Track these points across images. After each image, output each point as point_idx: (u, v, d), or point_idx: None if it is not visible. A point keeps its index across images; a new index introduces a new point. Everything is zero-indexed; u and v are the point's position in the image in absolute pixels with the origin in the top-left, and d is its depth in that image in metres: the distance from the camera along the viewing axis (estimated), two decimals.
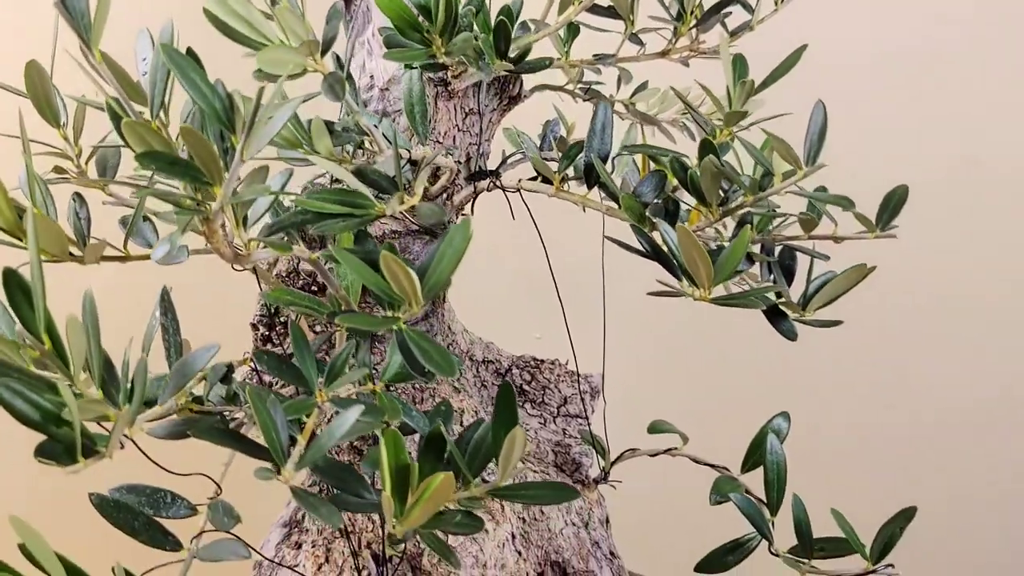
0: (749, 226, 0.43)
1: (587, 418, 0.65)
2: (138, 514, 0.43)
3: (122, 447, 0.40)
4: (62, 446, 0.36)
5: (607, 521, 0.63)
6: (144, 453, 0.42)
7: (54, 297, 0.35)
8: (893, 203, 0.45)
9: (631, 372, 0.67)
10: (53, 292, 0.35)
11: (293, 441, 0.41)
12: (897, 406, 1.04)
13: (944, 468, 1.07)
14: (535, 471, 0.62)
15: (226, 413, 0.45)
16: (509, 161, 0.59)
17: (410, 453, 0.40)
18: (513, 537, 0.57)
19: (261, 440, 0.40)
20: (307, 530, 0.62)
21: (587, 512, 0.62)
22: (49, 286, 0.34)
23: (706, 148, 0.44)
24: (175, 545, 0.43)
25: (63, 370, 0.35)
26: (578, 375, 0.66)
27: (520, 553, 0.56)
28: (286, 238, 0.42)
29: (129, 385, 0.38)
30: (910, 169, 0.74)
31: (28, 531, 0.38)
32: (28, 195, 0.38)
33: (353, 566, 0.59)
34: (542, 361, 0.68)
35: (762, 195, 0.44)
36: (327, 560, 0.60)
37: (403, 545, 0.55)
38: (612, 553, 0.63)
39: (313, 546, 0.61)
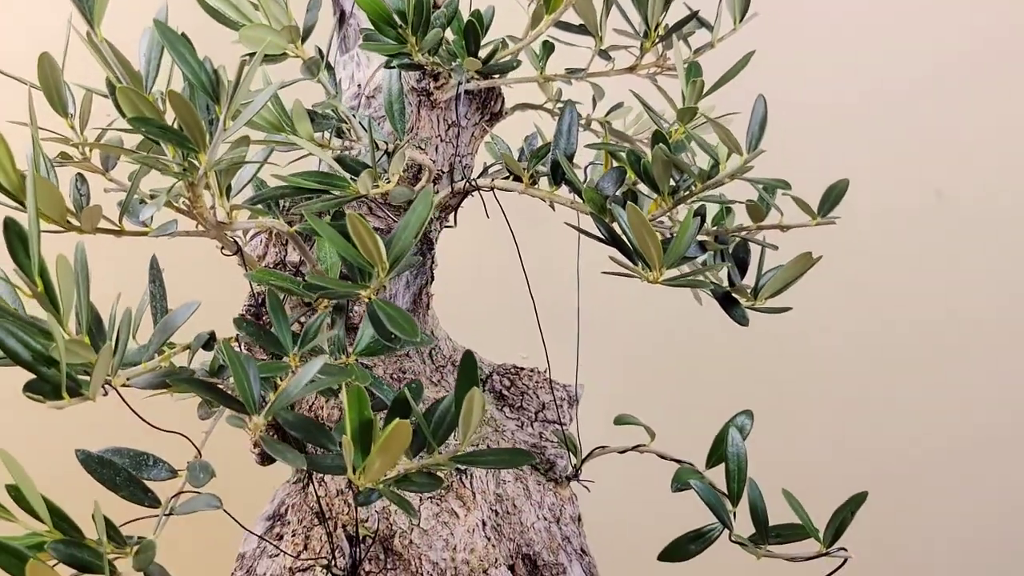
0: (692, 212, 0.46)
1: (561, 422, 0.67)
2: (120, 470, 0.46)
3: (105, 394, 0.44)
4: (49, 385, 0.39)
5: (579, 519, 0.65)
6: (130, 407, 0.45)
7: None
8: (834, 194, 0.49)
9: (609, 381, 0.69)
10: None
11: (264, 401, 0.44)
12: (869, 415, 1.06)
13: (906, 461, 1.08)
14: (514, 472, 0.64)
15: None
16: (490, 171, 0.63)
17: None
18: (484, 524, 0.59)
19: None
20: (288, 522, 0.65)
21: (559, 508, 0.64)
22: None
23: (657, 138, 0.48)
24: (153, 501, 0.46)
25: (52, 312, 0.39)
26: (551, 383, 0.69)
27: (490, 539, 0.58)
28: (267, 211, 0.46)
29: (115, 335, 0.41)
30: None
31: (18, 470, 0.41)
32: (32, 163, 0.42)
33: (329, 551, 0.61)
34: (521, 369, 0.70)
35: (710, 182, 0.47)
36: (306, 547, 0.62)
37: (376, 527, 0.57)
38: (583, 550, 0.64)
39: (293, 535, 0.63)
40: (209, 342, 0.48)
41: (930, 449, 1.09)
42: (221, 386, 0.50)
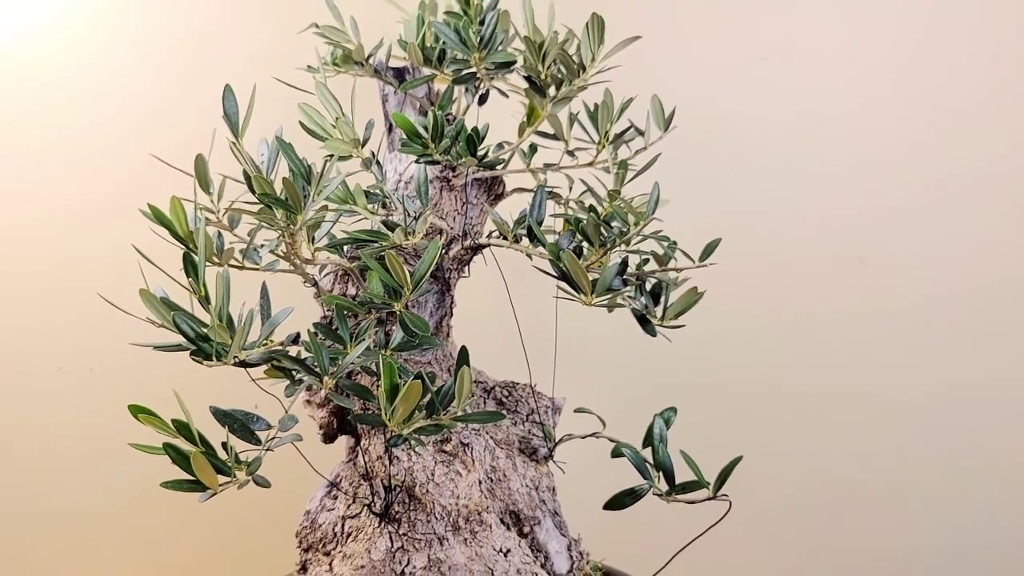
0: (610, 259, 0.71)
1: (542, 423, 0.91)
2: (237, 420, 0.70)
3: (234, 364, 0.68)
4: (203, 353, 0.64)
5: (553, 489, 0.88)
6: (249, 375, 0.70)
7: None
8: (709, 249, 0.73)
9: (587, 395, 0.93)
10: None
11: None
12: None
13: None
14: (506, 452, 0.88)
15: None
16: (492, 236, 0.88)
17: None
18: (480, 483, 0.82)
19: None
20: (341, 487, 0.88)
21: (538, 480, 0.87)
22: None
23: (591, 210, 0.73)
24: (257, 440, 0.70)
25: (208, 310, 0.64)
26: (535, 394, 0.92)
27: (483, 494, 0.82)
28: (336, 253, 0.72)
29: (241, 327, 0.66)
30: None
31: (185, 409, 0.66)
32: (197, 223, 0.69)
33: (370, 512, 0.84)
34: (516, 384, 0.94)
35: (624, 239, 0.72)
36: (354, 502, 0.86)
37: (403, 480, 0.80)
38: (555, 512, 0.87)
39: (345, 494, 0.87)
40: (296, 339, 0.73)
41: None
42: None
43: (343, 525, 0.85)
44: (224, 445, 0.68)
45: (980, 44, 1.22)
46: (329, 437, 0.87)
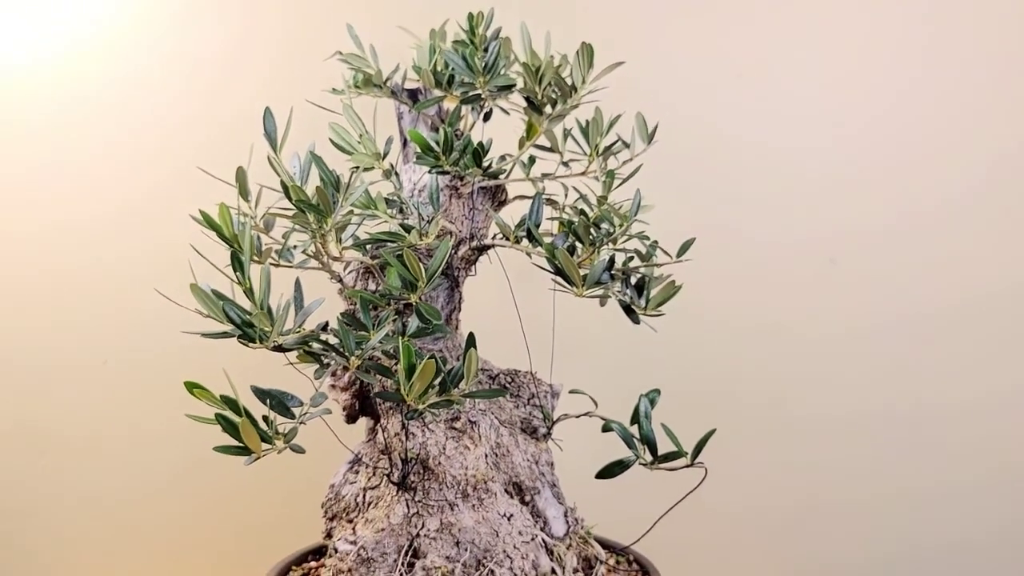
0: (600, 255, 0.81)
1: (542, 405, 1.01)
2: (274, 397, 0.81)
3: (273, 349, 0.79)
4: (245, 337, 0.75)
5: (551, 464, 0.98)
6: (287, 358, 0.80)
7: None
8: (685, 247, 0.84)
9: (581, 381, 1.03)
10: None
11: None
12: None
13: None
14: (509, 430, 0.98)
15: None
16: (496, 238, 0.99)
17: None
18: (486, 456, 0.92)
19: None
20: (363, 463, 0.99)
21: (538, 455, 0.97)
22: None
23: (581, 214, 0.83)
24: (291, 415, 0.81)
25: (252, 299, 0.74)
26: (536, 381, 1.02)
27: (489, 466, 0.92)
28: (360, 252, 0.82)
29: (279, 315, 0.77)
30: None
31: (233, 387, 0.76)
32: (240, 227, 0.79)
33: (388, 481, 0.94)
34: (519, 371, 1.05)
35: (611, 238, 0.82)
36: (374, 474, 0.96)
37: (418, 454, 0.90)
38: (553, 483, 0.97)
39: (366, 469, 0.97)
40: (325, 327, 0.84)
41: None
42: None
43: (364, 495, 0.95)
44: (265, 418, 0.78)
45: (952, 63, 1.32)
46: (351, 418, 0.98)
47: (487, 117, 0.96)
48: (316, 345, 0.79)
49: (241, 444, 0.74)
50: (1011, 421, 1.34)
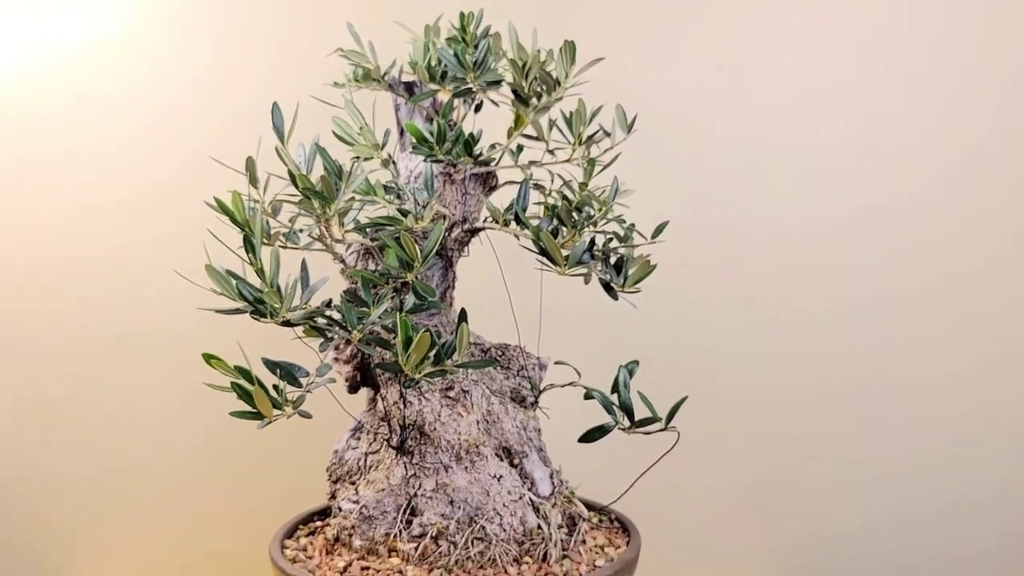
0: (579, 235, 0.89)
1: (529, 376, 1.09)
2: (283, 368, 0.88)
3: (280, 323, 0.86)
4: (257, 312, 0.82)
5: (539, 430, 1.06)
6: (295, 332, 0.88)
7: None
8: (659, 229, 0.91)
9: (566, 355, 1.11)
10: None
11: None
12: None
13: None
14: (499, 399, 1.06)
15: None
16: (487, 221, 1.06)
17: None
18: (478, 422, 1.00)
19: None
20: (365, 430, 1.06)
21: (526, 422, 1.05)
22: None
23: (564, 198, 0.91)
24: (298, 384, 0.88)
25: (263, 279, 0.82)
26: (523, 352, 1.10)
27: (481, 432, 1.00)
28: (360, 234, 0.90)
29: (286, 292, 0.84)
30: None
31: (246, 359, 0.84)
32: (251, 212, 0.87)
33: (387, 445, 1.02)
34: (509, 345, 1.12)
35: (591, 220, 0.90)
36: (375, 440, 1.04)
37: (415, 420, 0.98)
38: (540, 448, 1.05)
39: (367, 434, 1.05)
40: (329, 304, 0.91)
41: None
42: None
43: (366, 460, 1.03)
44: (275, 387, 0.86)
45: (926, 51, 1.39)
46: (353, 388, 1.05)
47: (478, 109, 1.04)
48: (321, 320, 0.87)
49: (254, 410, 0.82)
50: (977, 397, 1.42)
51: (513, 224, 0.97)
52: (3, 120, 1.35)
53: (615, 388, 0.99)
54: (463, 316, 0.88)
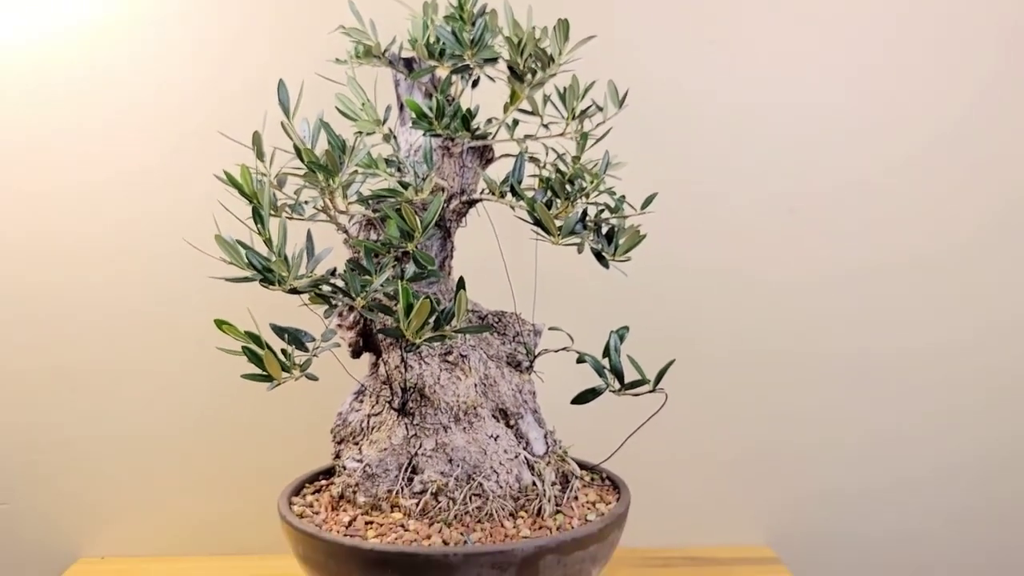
0: (572, 206, 0.93)
1: (525, 342, 1.14)
2: (291, 333, 0.93)
3: (287, 291, 0.90)
4: (266, 280, 0.87)
5: (533, 393, 1.11)
6: (301, 299, 0.92)
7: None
8: (648, 201, 0.95)
9: (560, 321, 1.15)
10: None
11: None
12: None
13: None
14: (496, 364, 1.10)
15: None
16: (484, 193, 1.10)
17: None
18: (475, 385, 1.05)
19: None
20: (367, 392, 1.11)
21: (521, 385, 1.10)
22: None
23: (557, 170, 0.95)
24: (304, 348, 0.93)
25: (271, 248, 0.86)
26: (519, 319, 1.15)
27: (478, 394, 1.05)
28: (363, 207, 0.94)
29: (292, 261, 0.89)
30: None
31: (255, 326, 0.88)
32: (260, 185, 0.91)
33: (389, 408, 1.07)
34: (505, 312, 1.17)
35: (583, 192, 0.94)
36: (377, 402, 1.09)
37: (415, 383, 1.03)
38: (535, 410, 1.10)
39: (370, 397, 1.10)
40: (333, 272, 0.96)
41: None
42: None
43: (368, 421, 1.08)
44: (283, 351, 0.91)
45: (917, 31, 1.42)
46: (356, 353, 1.10)
47: (475, 85, 1.07)
48: (326, 288, 0.91)
49: (265, 372, 0.87)
50: (960, 366, 1.48)
51: (509, 196, 1.01)
52: (13, 94, 1.38)
53: (606, 352, 1.04)
54: (461, 284, 0.93)
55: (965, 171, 1.44)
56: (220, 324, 0.87)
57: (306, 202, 0.96)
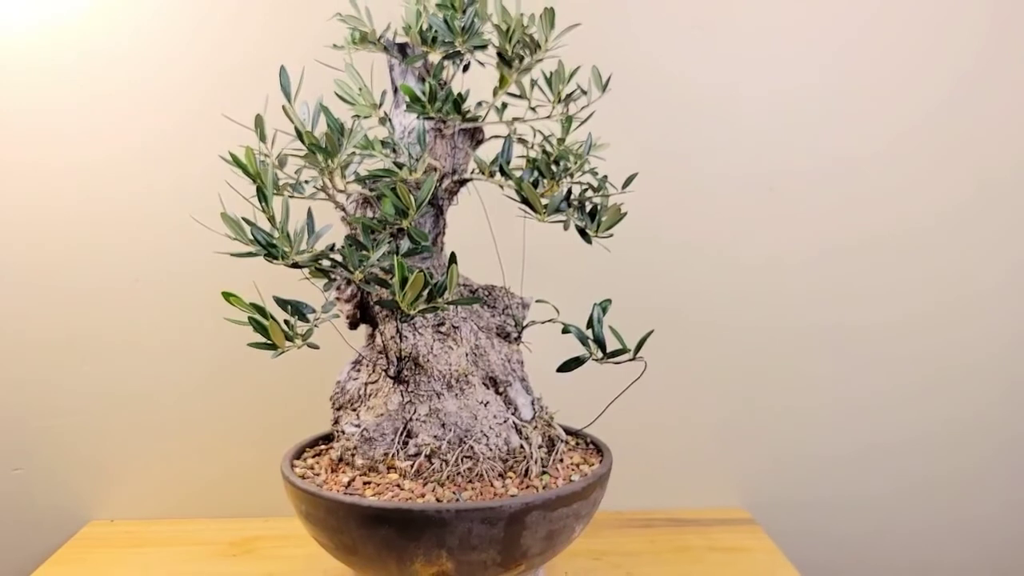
0: (557, 185, 0.99)
1: (513, 315, 1.20)
2: (293, 305, 0.99)
3: (290, 266, 0.96)
4: (269, 255, 0.93)
5: (521, 362, 1.17)
6: (303, 273, 0.98)
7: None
8: (628, 180, 1.01)
9: (546, 294, 1.22)
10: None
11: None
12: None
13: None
14: (486, 334, 1.17)
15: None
16: (474, 172, 1.16)
17: None
18: (467, 354, 1.11)
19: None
20: (364, 361, 1.18)
21: (510, 355, 1.16)
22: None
23: (544, 151, 1.01)
24: (305, 319, 0.99)
25: (274, 224, 0.92)
26: (508, 293, 1.21)
27: (470, 363, 1.11)
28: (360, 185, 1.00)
29: (294, 236, 0.95)
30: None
31: (259, 297, 0.94)
32: (263, 165, 0.96)
33: (385, 376, 1.14)
34: (495, 286, 1.23)
35: (568, 172, 1.00)
36: (373, 371, 1.15)
37: (410, 353, 1.09)
38: (523, 378, 1.17)
39: (367, 366, 1.16)
40: (332, 248, 1.02)
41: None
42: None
43: (365, 389, 1.14)
44: (286, 322, 0.97)
45: (899, 15, 1.48)
46: (353, 325, 1.16)
47: (466, 69, 1.13)
48: (326, 263, 0.97)
49: (269, 341, 0.93)
50: (926, 340, 1.54)
51: (498, 175, 1.07)
52: (16, 74, 1.43)
53: (589, 324, 1.10)
54: (453, 259, 0.99)
55: (941, 152, 1.50)
56: (227, 296, 0.93)
57: (306, 181, 1.02)
